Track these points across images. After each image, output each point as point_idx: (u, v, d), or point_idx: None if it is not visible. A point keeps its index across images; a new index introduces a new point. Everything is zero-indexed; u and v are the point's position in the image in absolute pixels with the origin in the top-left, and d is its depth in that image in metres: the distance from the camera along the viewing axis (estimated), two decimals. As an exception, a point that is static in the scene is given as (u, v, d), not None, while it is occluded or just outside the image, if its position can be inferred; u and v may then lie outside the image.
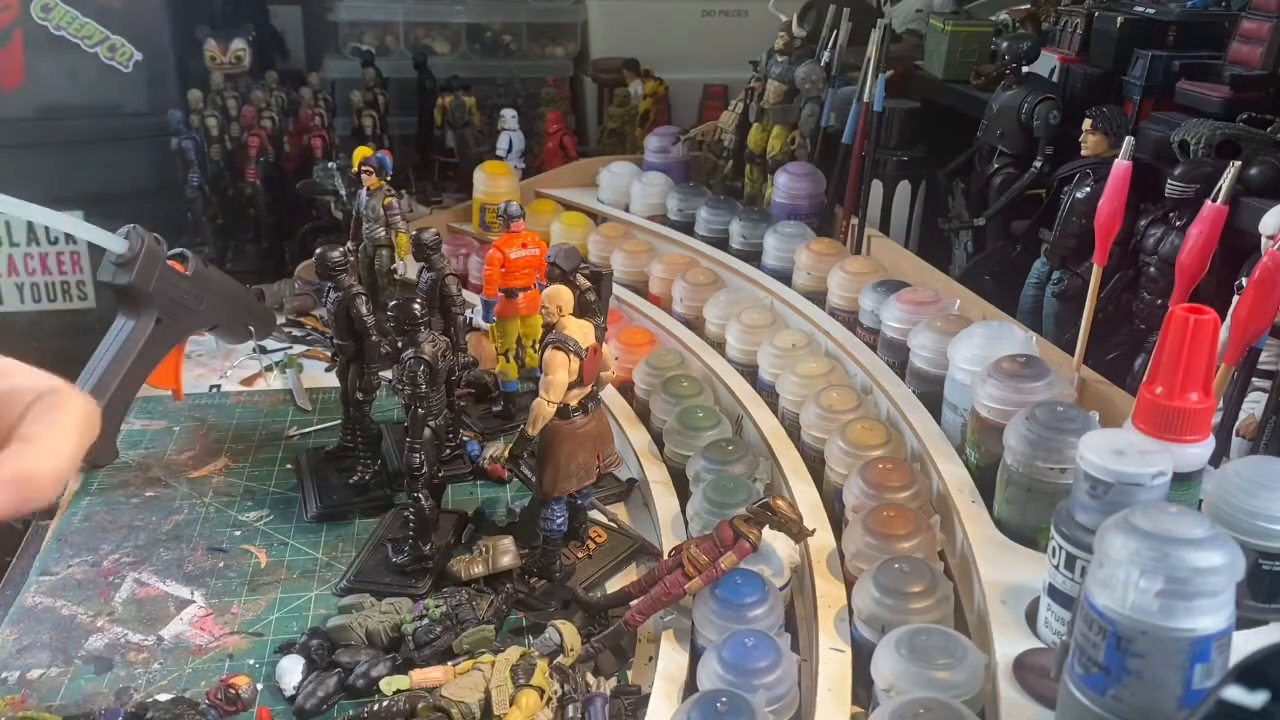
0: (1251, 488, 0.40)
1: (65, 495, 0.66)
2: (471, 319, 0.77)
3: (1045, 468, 0.47)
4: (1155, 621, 0.32)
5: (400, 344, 0.58)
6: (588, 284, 0.59)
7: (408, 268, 0.83)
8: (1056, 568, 0.41)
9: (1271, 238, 0.48)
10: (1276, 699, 0.25)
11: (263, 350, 0.87)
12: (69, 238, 1.05)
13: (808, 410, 0.63)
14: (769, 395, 0.68)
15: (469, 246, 1.00)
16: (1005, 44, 0.80)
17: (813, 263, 0.79)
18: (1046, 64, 0.80)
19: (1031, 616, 0.43)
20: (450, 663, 0.49)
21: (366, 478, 0.67)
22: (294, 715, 0.48)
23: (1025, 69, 0.79)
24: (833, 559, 0.51)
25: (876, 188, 0.87)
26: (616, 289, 0.79)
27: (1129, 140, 0.54)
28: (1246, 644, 0.31)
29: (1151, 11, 0.73)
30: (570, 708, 0.46)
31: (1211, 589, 0.32)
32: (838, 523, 0.54)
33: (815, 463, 0.60)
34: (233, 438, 0.75)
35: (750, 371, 0.72)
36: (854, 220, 0.85)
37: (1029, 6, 0.88)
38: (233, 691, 0.47)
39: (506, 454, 0.58)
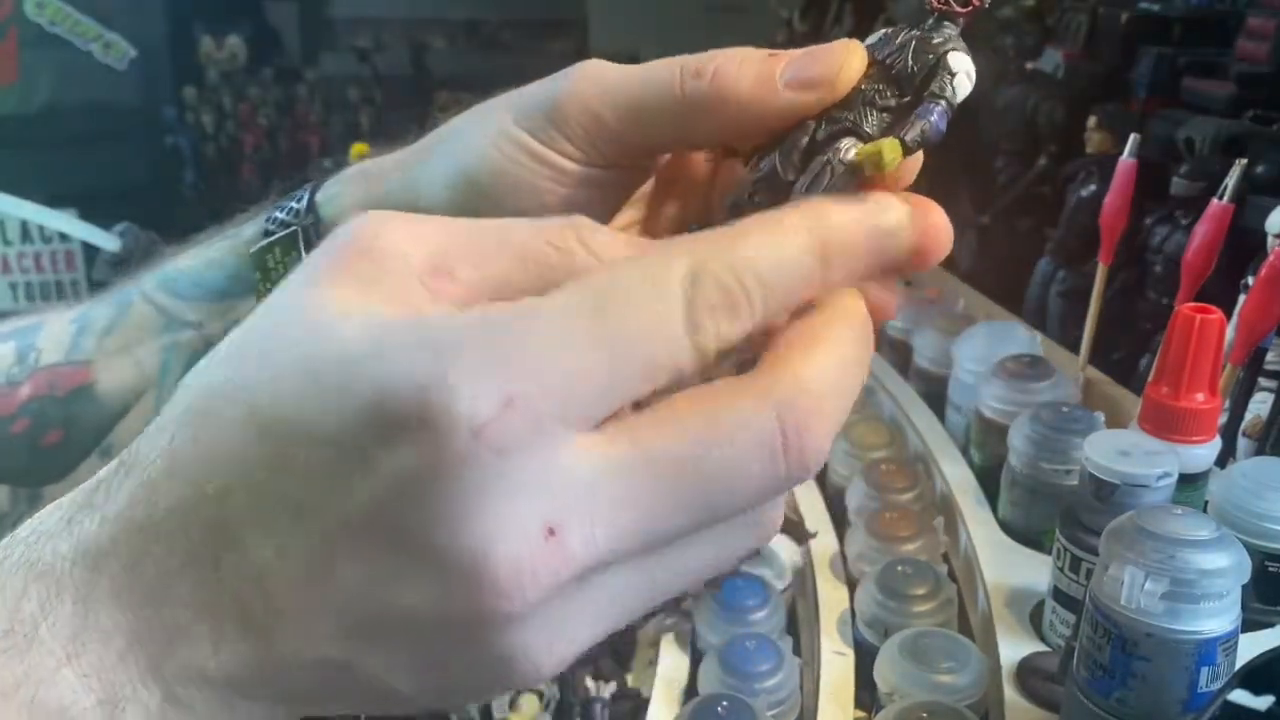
0: (1257, 489, 0.40)
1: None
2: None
3: (1050, 469, 0.47)
4: (1160, 624, 0.31)
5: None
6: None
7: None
8: (1061, 570, 0.40)
9: (1278, 236, 0.47)
10: (1283, 702, 0.25)
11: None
12: (63, 236, 1.05)
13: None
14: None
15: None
16: (1009, 40, 0.79)
17: (814, 261, 0.79)
18: (1050, 60, 0.79)
19: (1036, 619, 0.43)
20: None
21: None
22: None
23: (1029, 65, 0.79)
24: (835, 561, 0.51)
25: (878, 185, 0.87)
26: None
27: (1134, 137, 0.53)
28: (1252, 646, 0.30)
29: (1156, 8, 0.72)
30: (569, 711, 0.45)
31: (1217, 591, 0.31)
32: (840, 525, 0.54)
33: (817, 463, 0.59)
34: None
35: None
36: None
37: (1033, 2, 0.88)
38: None
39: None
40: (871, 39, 0.22)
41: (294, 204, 0.30)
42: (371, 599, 0.16)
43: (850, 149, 0.20)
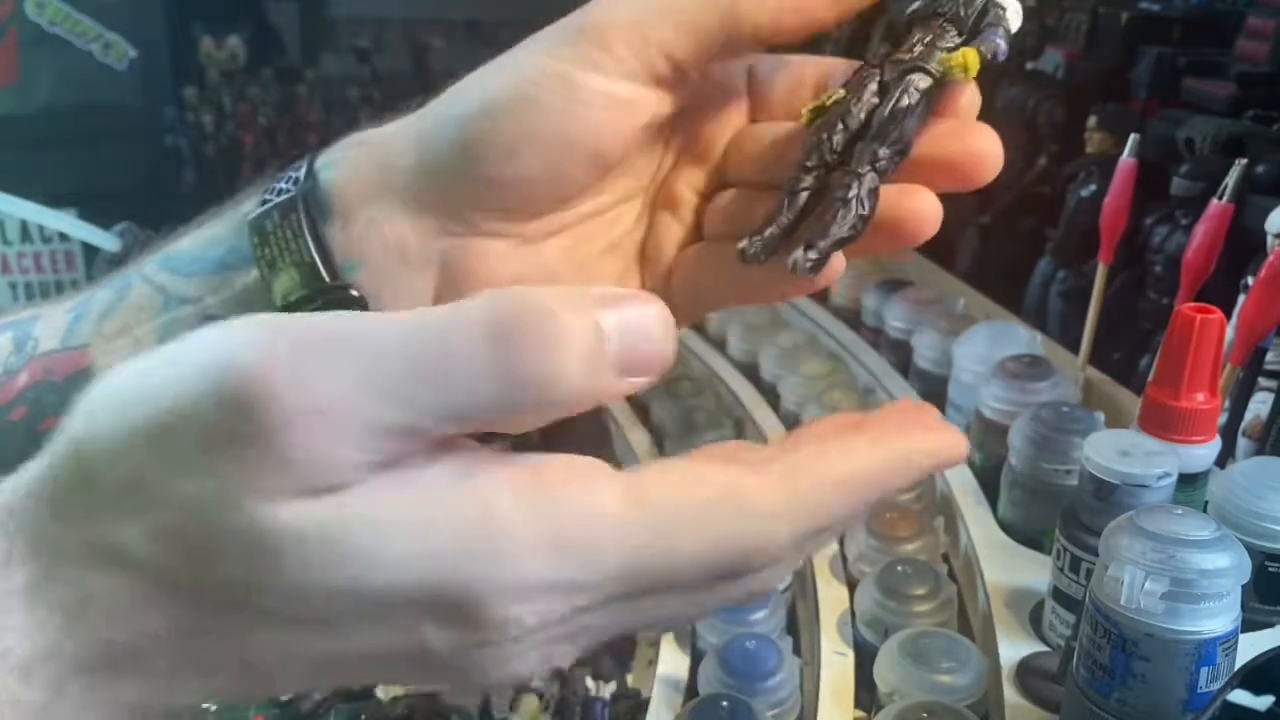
0: (1257, 489, 0.40)
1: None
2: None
3: (1050, 469, 0.47)
4: (1160, 624, 0.31)
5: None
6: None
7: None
8: (1061, 570, 0.40)
9: (1278, 236, 0.47)
10: (1283, 702, 0.25)
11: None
12: (63, 236, 1.05)
13: (809, 411, 0.62)
14: (770, 396, 0.68)
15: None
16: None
17: (814, 261, 0.79)
18: (1051, 60, 0.79)
19: (1036, 619, 0.43)
20: (448, 666, 0.49)
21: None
22: (290, 718, 0.48)
23: (1029, 65, 0.79)
24: (835, 561, 0.51)
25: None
26: (616, 287, 0.79)
27: (1134, 137, 0.53)
28: (1252, 646, 0.30)
29: (1157, 8, 0.72)
30: (569, 712, 0.45)
31: (1217, 591, 0.31)
32: (839, 524, 0.54)
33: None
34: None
35: (751, 371, 0.72)
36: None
37: (1033, 2, 0.88)
38: None
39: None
40: (915, 5, 0.24)
41: (293, 173, 0.30)
42: (375, 678, 0.18)
43: (923, 81, 0.22)
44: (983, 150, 0.23)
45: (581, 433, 0.57)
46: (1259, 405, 0.49)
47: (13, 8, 1.10)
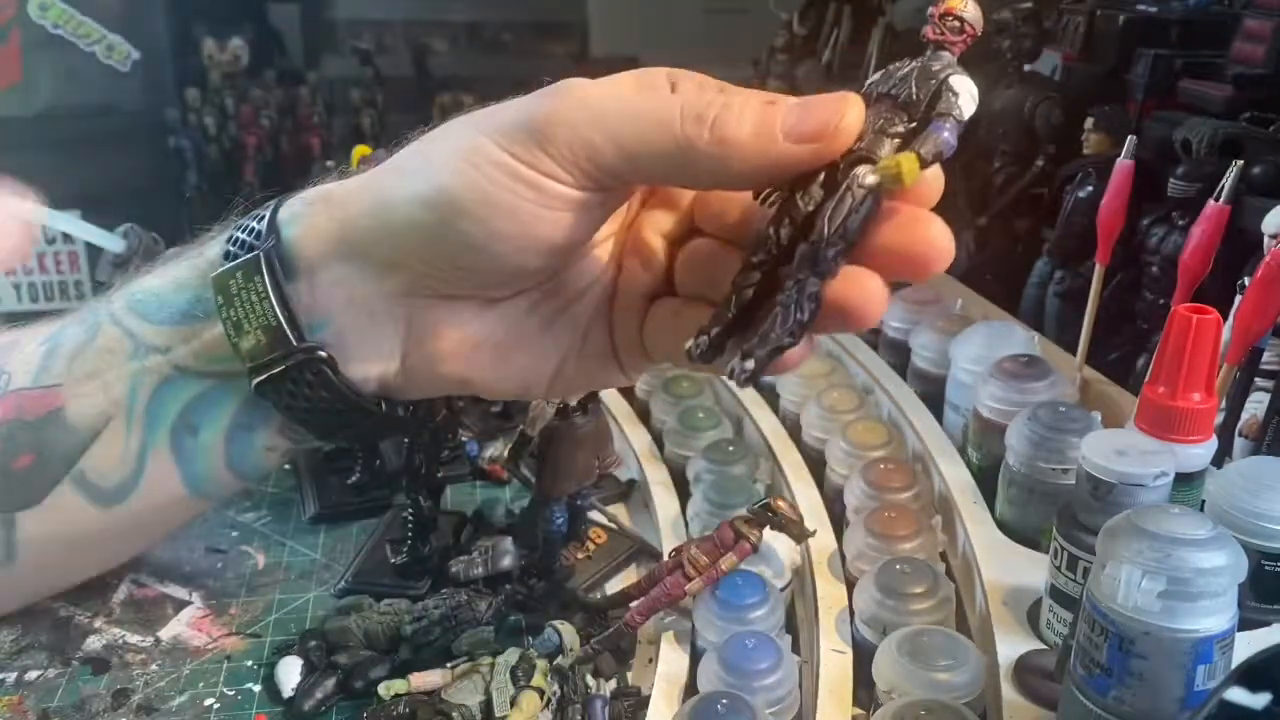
0: (1254, 488, 0.40)
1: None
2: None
3: (1047, 468, 0.47)
4: (1157, 622, 0.31)
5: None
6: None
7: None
8: (1058, 569, 0.40)
9: (1274, 237, 0.48)
10: (1279, 700, 0.25)
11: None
12: (66, 237, 1.05)
13: (809, 410, 0.62)
14: (770, 395, 0.68)
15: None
16: (1007, 42, 0.79)
17: (813, 262, 0.79)
18: (1048, 63, 0.80)
19: (1033, 618, 0.43)
20: (449, 664, 0.49)
21: (365, 478, 0.66)
22: (292, 717, 0.48)
23: (1027, 67, 0.79)
24: (834, 560, 0.51)
25: (877, 187, 0.87)
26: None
27: (1131, 139, 0.54)
28: (1249, 645, 0.31)
29: (1154, 10, 0.72)
30: (570, 709, 0.45)
31: (1214, 590, 0.31)
32: (839, 523, 0.54)
33: (816, 463, 0.60)
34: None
35: (750, 371, 0.72)
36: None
37: (1030, 5, 0.88)
38: None
39: (506, 454, 0.58)
40: (873, 78, 0.23)
41: (254, 224, 0.30)
42: None
43: (868, 174, 0.21)
44: (931, 243, 0.23)
45: (581, 433, 0.58)
46: (1255, 405, 0.49)
47: (16, 10, 1.11)
